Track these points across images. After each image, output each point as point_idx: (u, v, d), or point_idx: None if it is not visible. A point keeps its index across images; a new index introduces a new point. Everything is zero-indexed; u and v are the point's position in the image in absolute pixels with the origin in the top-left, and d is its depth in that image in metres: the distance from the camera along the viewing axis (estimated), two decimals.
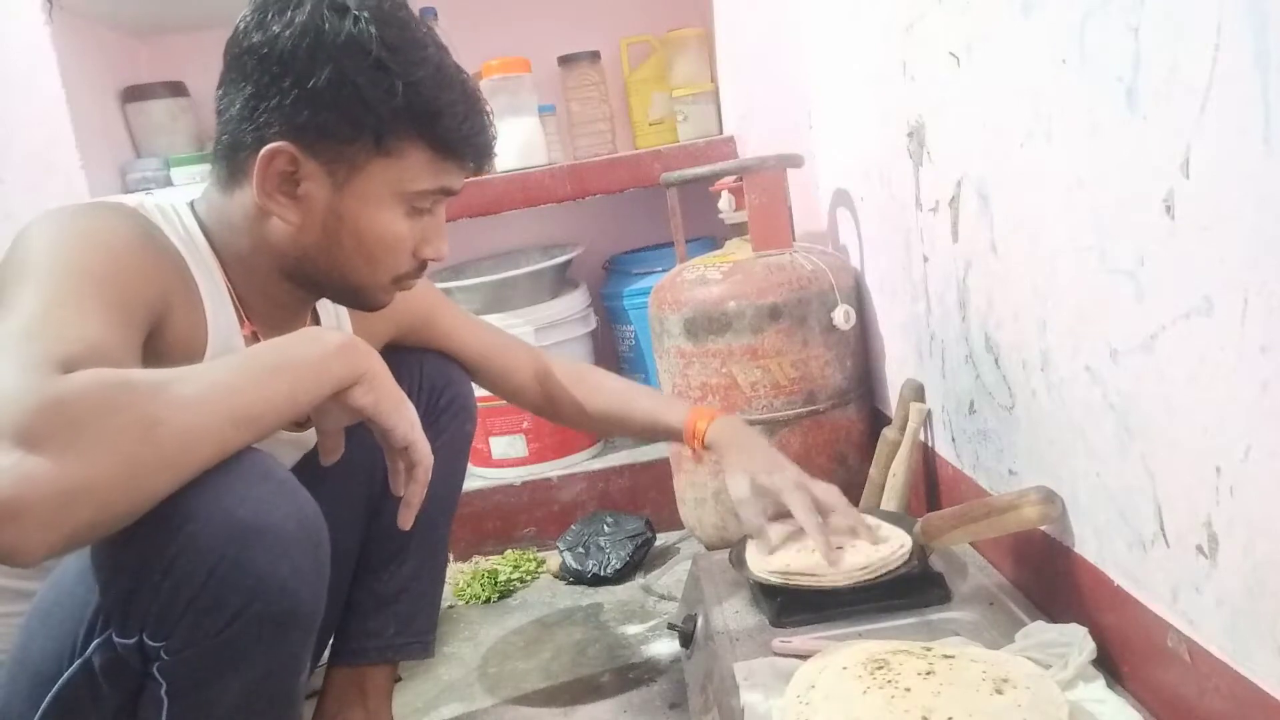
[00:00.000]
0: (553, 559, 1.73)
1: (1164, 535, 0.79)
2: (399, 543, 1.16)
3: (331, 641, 1.18)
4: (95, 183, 1.73)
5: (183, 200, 0.93)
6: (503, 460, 1.86)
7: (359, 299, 0.96)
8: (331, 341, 0.78)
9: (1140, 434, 0.80)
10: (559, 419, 1.30)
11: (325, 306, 1.05)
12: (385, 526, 1.14)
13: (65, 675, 0.75)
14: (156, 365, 0.77)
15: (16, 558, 0.61)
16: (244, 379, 0.72)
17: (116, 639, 0.73)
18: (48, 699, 0.76)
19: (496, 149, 0.95)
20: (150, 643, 0.72)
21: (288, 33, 0.83)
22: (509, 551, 1.78)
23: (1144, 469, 0.80)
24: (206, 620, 0.71)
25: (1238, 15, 0.61)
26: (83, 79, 1.76)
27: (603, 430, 1.26)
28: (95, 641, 0.74)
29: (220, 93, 0.88)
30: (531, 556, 1.76)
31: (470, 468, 1.93)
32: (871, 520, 1.11)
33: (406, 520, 0.86)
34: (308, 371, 0.75)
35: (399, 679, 1.39)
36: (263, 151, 0.84)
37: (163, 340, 0.82)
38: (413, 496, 0.84)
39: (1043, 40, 0.86)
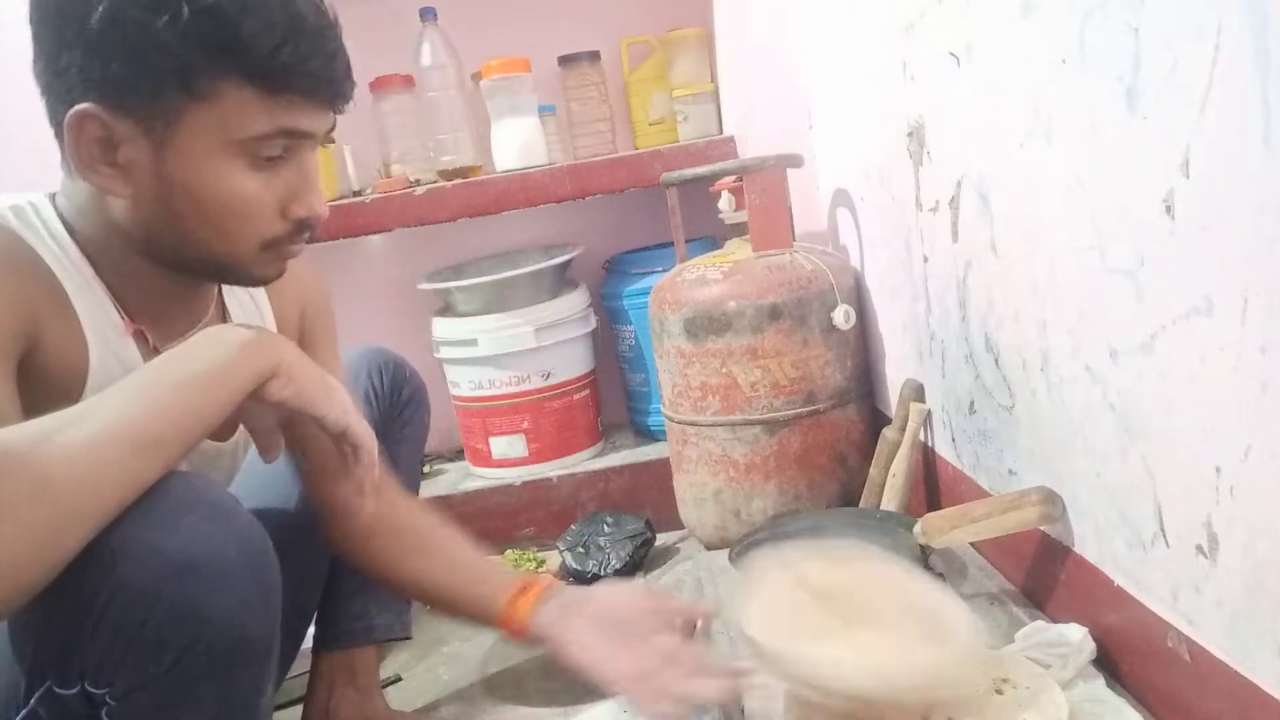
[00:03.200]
0: (553, 559, 1.72)
1: (1164, 535, 0.79)
2: None
3: (314, 631, 1.20)
4: None
5: (44, 195, 0.84)
6: (503, 460, 1.86)
7: (234, 275, 0.85)
8: (234, 340, 0.73)
9: (1140, 434, 0.80)
10: (356, 556, 1.07)
11: (234, 289, 0.96)
12: None
13: None
14: (34, 392, 0.73)
15: None
16: (140, 405, 0.68)
17: (57, 690, 0.70)
18: None
19: (345, 74, 0.80)
20: (93, 690, 0.69)
21: None
22: (509, 551, 1.78)
23: (1144, 469, 0.80)
24: (150, 662, 0.68)
25: (1238, 15, 0.61)
26: None
27: (395, 585, 1.10)
28: (37, 694, 0.71)
29: (32, 63, 0.78)
30: (531, 556, 1.75)
31: (470, 467, 1.93)
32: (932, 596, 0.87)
33: (365, 504, 0.83)
34: (211, 381, 0.71)
35: (399, 679, 1.39)
36: (67, 119, 0.74)
37: (37, 364, 0.76)
38: (363, 479, 0.81)
39: (1043, 40, 0.86)
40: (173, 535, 0.68)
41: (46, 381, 0.76)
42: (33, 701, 0.71)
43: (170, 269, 0.84)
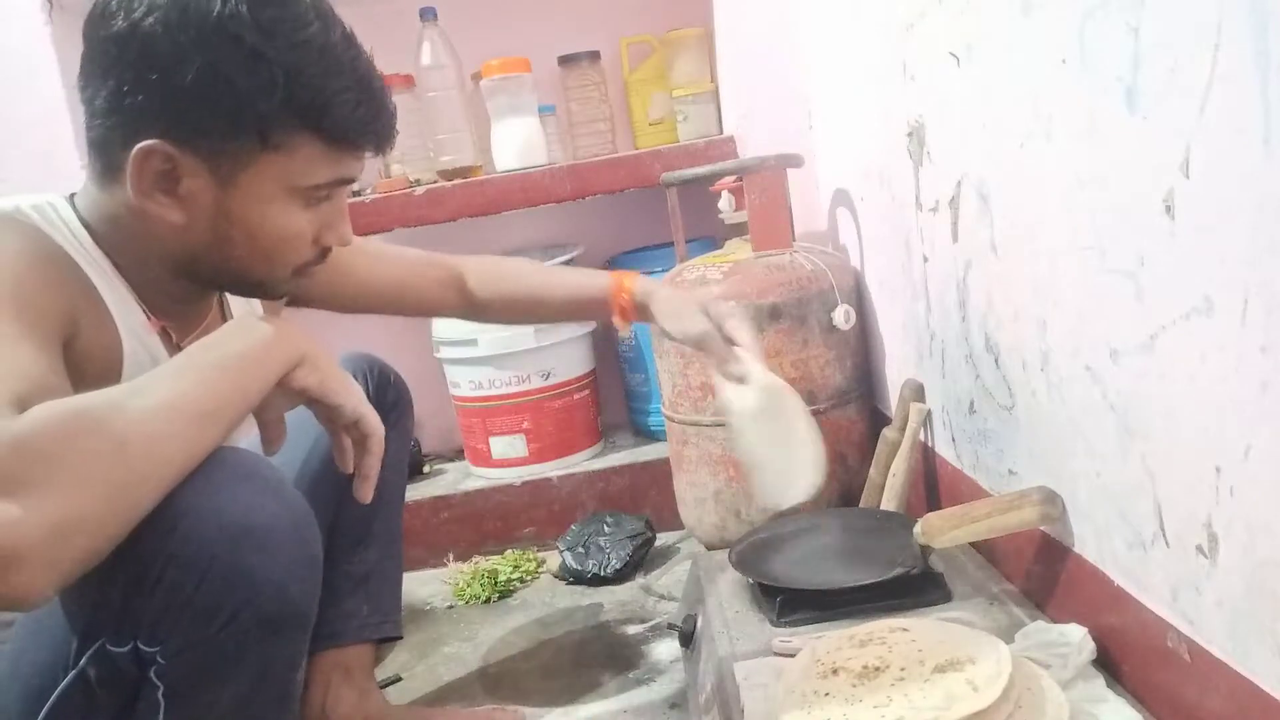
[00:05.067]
0: (553, 559, 1.73)
1: (1164, 535, 0.79)
2: (364, 527, 1.20)
3: None
4: None
5: (60, 196, 0.87)
6: (503, 460, 1.86)
7: (259, 292, 0.93)
8: (263, 330, 0.77)
9: (1140, 434, 0.80)
10: (486, 319, 1.31)
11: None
12: (350, 511, 1.17)
13: (60, 687, 0.75)
14: (75, 379, 0.76)
15: (27, 602, 0.61)
16: (192, 381, 0.71)
17: (110, 648, 0.73)
18: (44, 712, 0.75)
19: (396, 127, 0.88)
20: (145, 648, 0.72)
21: (150, 19, 0.75)
22: (509, 551, 1.78)
23: (1144, 469, 0.80)
24: (201, 623, 0.71)
25: (1238, 15, 0.61)
26: None
27: (527, 319, 1.34)
28: (89, 652, 0.74)
29: (82, 81, 0.80)
30: (531, 556, 1.76)
31: (470, 467, 1.93)
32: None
33: (367, 493, 0.85)
34: (250, 364, 0.74)
35: (399, 679, 1.40)
36: (134, 152, 0.77)
37: (76, 353, 0.79)
38: (369, 469, 0.84)
39: (1043, 40, 0.86)
40: (229, 503, 0.71)
41: (85, 369, 0.79)
42: (83, 661, 0.74)
43: (199, 283, 0.89)
